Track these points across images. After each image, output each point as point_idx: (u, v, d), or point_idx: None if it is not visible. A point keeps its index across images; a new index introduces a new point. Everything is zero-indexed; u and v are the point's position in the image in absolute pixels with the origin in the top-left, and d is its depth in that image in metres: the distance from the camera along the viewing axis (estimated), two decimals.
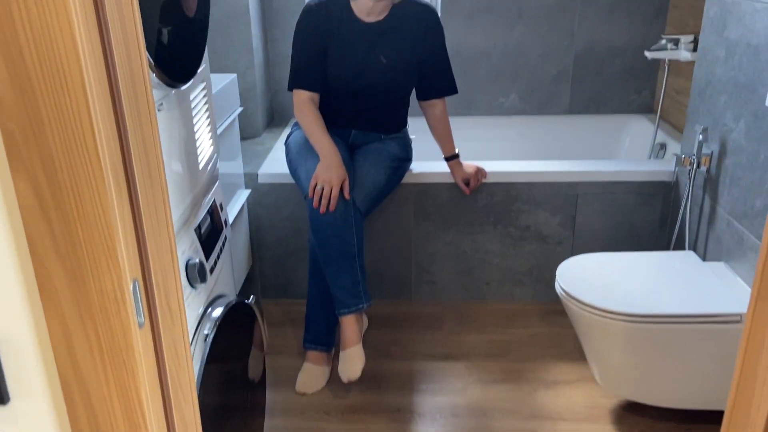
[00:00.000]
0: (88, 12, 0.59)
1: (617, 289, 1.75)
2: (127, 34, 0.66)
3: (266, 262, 2.46)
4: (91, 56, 0.60)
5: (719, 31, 1.96)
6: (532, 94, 2.95)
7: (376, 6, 1.97)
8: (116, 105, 0.65)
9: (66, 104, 0.60)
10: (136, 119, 0.68)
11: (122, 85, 0.64)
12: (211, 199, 1.31)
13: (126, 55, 0.65)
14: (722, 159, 1.94)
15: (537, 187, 2.31)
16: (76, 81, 0.59)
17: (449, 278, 2.45)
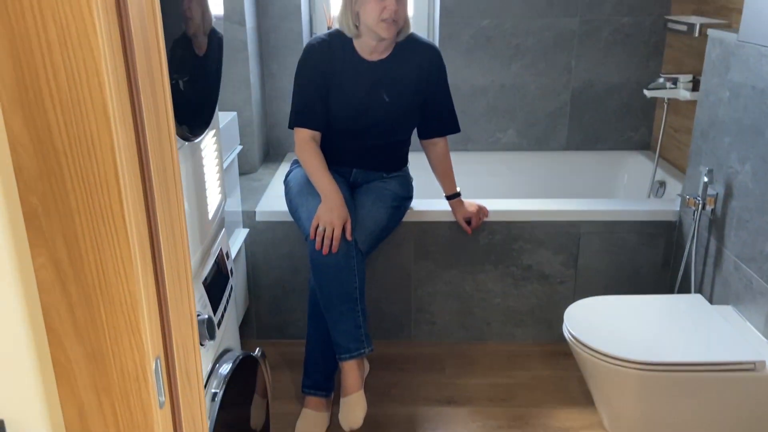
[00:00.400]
0: (120, 81, 0.55)
1: (628, 335, 1.71)
2: (157, 99, 0.62)
3: (262, 302, 2.39)
4: (122, 124, 0.56)
5: (722, 73, 1.97)
6: (529, 130, 2.94)
7: (378, 45, 1.95)
8: (144, 174, 0.60)
9: (94, 175, 0.56)
10: (164, 187, 0.63)
11: (151, 154, 0.60)
12: (218, 248, 1.26)
13: (155, 122, 0.61)
14: (728, 201, 1.93)
15: (539, 226, 2.28)
16: (106, 152, 0.55)
17: (449, 318, 2.40)
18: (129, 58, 0.56)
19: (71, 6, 0.51)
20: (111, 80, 0.53)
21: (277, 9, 2.75)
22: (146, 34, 0.59)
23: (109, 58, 0.53)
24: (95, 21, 0.51)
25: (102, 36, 0.52)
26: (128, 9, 0.55)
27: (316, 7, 2.92)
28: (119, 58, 0.55)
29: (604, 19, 2.77)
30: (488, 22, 2.77)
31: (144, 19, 0.58)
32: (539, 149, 2.98)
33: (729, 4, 2.29)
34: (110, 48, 0.53)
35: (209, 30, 1.19)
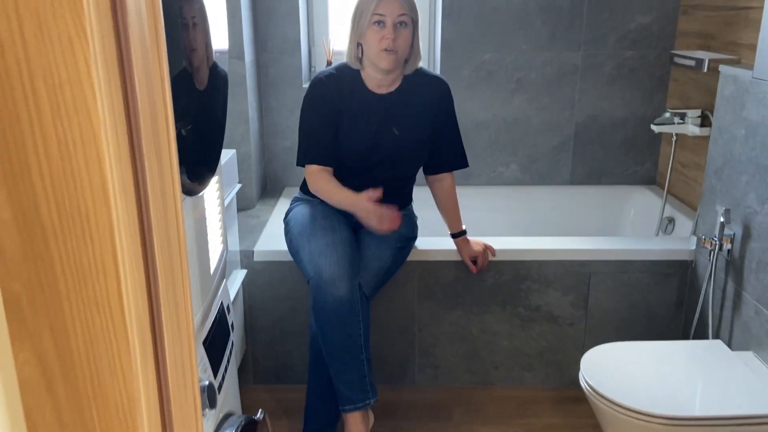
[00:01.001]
0: (122, 149, 0.47)
1: (649, 386, 1.62)
2: (162, 165, 0.53)
3: (260, 346, 2.29)
4: (123, 199, 0.48)
5: (736, 110, 1.91)
6: (532, 164, 2.88)
7: (385, 78, 1.90)
8: (147, 254, 0.52)
9: (88, 258, 0.47)
10: (168, 266, 0.55)
11: (155, 230, 0.52)
12: (219, 302, 1.17)
13: (161, 192, 0.53)
14: (746, 242, 1.86)
15: (548, 265, 2.20)
16: (103, 232, 0.46)
17: (455, 361, 2.31)
18: (132, 121, 0.48)
19: (66, 64, 0.43)
20: (111, 149, 0.45)
21: (277, 43, 2.70)
22: (152, 91, 0.51)
23: (110, 124, 0.45)
24: (94, 82, 0.43)
25: (102, 99, 0.44)
26: (132, 64, 0.47)
27: (316, 41, 2.87)
28: (121, 122, 0.47)
29: (608, 53, 2.73)
30: (489, 56, 2.73)
31: (150, 74, 0.51)
32: (543, 184, 2.91)
33: (738, 40, 2.25)
34: (111, 112, 0.45)
35: (211, 64, 1.11)
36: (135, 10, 0.48)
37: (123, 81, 0.47)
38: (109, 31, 0.45)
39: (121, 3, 0.46)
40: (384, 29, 1.79)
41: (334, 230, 1.85)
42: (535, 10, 2.67)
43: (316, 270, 1.75)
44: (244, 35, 2.44)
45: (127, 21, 0.46)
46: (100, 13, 0.44)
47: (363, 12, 1.81)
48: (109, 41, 0.45)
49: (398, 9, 1.78)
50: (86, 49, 0.43)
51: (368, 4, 1.80)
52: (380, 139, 1.93)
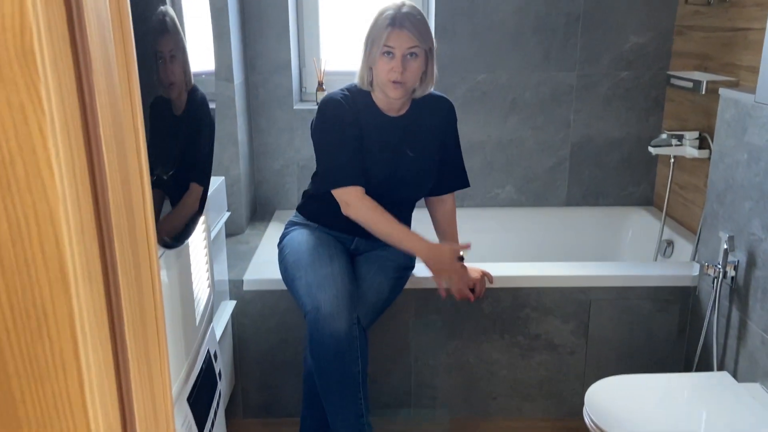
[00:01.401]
0: (86, 227, 0.40)
1: (655, 422, 1.56)
2: (137, 240, 0.47)
3: (249, 378, 2.20)
4: (87, 287, 0.41)
5: (738, 134, 1.87)
6: (528, 185, 2.83)
7: (396, 102, 1.84)
8: (116, 346, 0.45)
9: (46, 357, 0.40)
10: (144, 358, 0.48)
11: (127, 319, 0.45)
12: (204, 351, 1.09)
13: (134, 275, 0.46)
14: (751, 270, 1.81)
15: (547, 292, 2.14)
16: (63, 327, 0.40)
17: (452, 392, 2.23)
18: (100, 194, 0.41)
19: (17, 135, 0.36)
20: (72, 230, 0.38)
21: (267, 63, 2.64)
22: (125, 158, 0.44)
23: (71, 201, 0.38)
24: (51, 154, 0.37)
25: (61, 173, 0.37)
26: (99, 128, 0.40)
27: (306, 61, 2.82)
28: (86, 197, 0.40)
29: (603, 73, 2.69)
30: (483, 76, 2.68)
31: (123, 137, 0.44)
32: (539, 205, 2.86)
33: (736, 61, 2.21)
34: (73, 186, 0.39)
35: (190, 89, 1.05)
36: (102, 59, 0.41)
37: (88, 148, 0.40)
38: (71, 90, 0.39)
39: (85, 55, 0.39)
40: (393, 60, 1.73)
41: (332, 260, 1.78)
42: (530, 29, 2.63)
43: (313, 303, 1.67)
44: (233, 56, 2.38)
45: (93, 77, 0.40)
46: (59, 71, 0.37)
47: (374, 41, 1.75)
48: (70, 102, 0.39)
49: (408, 42, 1.73)
50: (41, 118, 0.36)
51: (380, 34, 1.74)
52: (397, 163, 1.89)
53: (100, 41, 0.40)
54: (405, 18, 1.72)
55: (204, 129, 0.99)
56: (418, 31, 1.73)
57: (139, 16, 0.73)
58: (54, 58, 0.37)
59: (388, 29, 1.72)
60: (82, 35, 0.38)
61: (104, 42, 0.41)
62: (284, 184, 2.79)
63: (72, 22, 0.38)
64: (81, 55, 0.39)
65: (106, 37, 0.41)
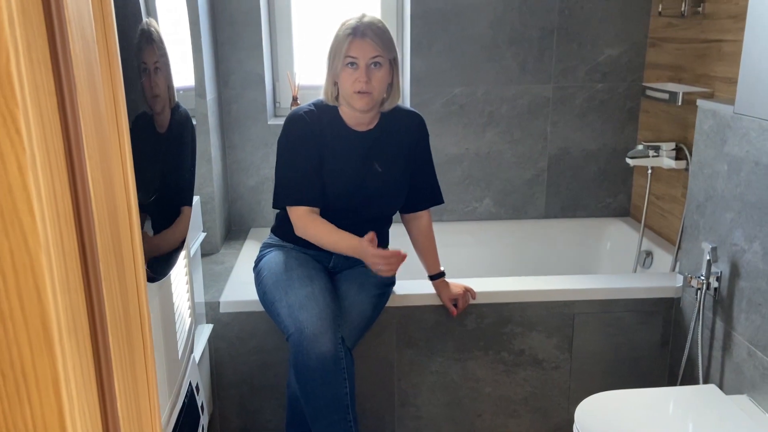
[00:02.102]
0: (72, 277, 0.35)
1: None
2: (127, 289, 0.41)
3: (228, 403, 2.13)
4: (71, 343, 0.35)
5: (717, 145, 1.88)
6: (506, 198, 2.82)
7: (363, 116, 1.81)
8: (105, 403, 0.39)
9: (26, 423, 0.35)
10: (134, 408, 0.43)
11: (117, 375, 0.39)
12: (186, 384, 1.03)
13: (124, 329, 0.41)
14: (735, 281, 1.81)
15: (530, 307, 2.12)
16: (46, 390, 0.34)
17: (437, 411, 2.19)
18: (86, 235, 0.36)
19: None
20: (56, 280, 0.33)
21: (240, 78, 2.59)
22: (112, 190, 0.39)
23: (54, 246, 0.33)
24: (31, 194, 0.32)
25: (43, 215, 0.32)
26: (85, 160, 0.35)
27: (280, 76, 2.77)
28: (70, 239, 0.35)
29: (578, 85, 2.70)
30: (460, 90, 2.67)
31: (109, 167, 0.39)
32: (517, 218, 2.85)
33: (710, 72, 2.23)
34: (55, 229, 0.34)
35: (174, 105, 1.00)
36: (87, 81, 0.36)
37: (73, 185, 0.35)
38: (53, 118, 0.34)
39: (69, 78, 0.34)
40: (357, 71, 1.70)
41: (312, 280, 1.73)
42: (505, 42, 2.63)
43: (296, 325, 1.62)
44: (205, 71, 2.32)
45: (77, 103, 0.35)
46: (40, 98, 0.32)
47: (336, 53, 1.73)
48: (53, 132, 0.34)
49: (371, 51, 1.70)
50: (20, 152, 0.31)
51: (341, 45, 1.72)
52: (364, 178, 1.84)
53: (85, 60, 0.36)
54: (367, 27, 1.70)
55: (187, 148, 0.94)
56: (380, 39, 1.71)
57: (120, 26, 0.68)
58: (34, 83, 0.32)
59: (350, 38, 1.70)
60: (65, 54, 0.33)
61: (89, 61, 0.36)
62: (259, 202, 2.73)
63: (54, 40, 0.33)
64: (64, 78, 0.34)
65: (91, 56, 0.37)
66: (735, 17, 2.08)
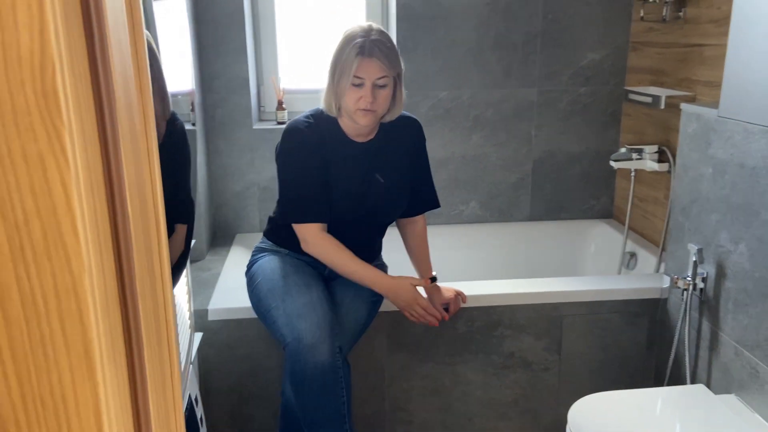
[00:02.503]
0: (111, 303, 0.34)
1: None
2: (158, 315, 0.40)
3: (217, 413, 2.10)
4: (111, 371, 0.34)
5: (702, 148, 1.91)
6: (492, 201, 2.83)
7: (363, 128, 1.79)
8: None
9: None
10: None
11: (153, 403, 0.38)
12: (186, 397, 1.02)
13: (157, 347, 0.40)
14: (721, 282, 1.84)
15: (520, 309, 2.13)
16: (86, 421, 0.33)
17: (428, 416, 2.19)
18: (124, 260, 0.35)
19: (34, 192, 0.30)
20: (98, 303, 0.32)
21: (224, 83, 2.56)
22: (146, 214, 0.38)
23: (96, 269, 0.32)
24: (76, 214, 0.31)
25: (86, 236, 0.31)
26: (124, 181, 0.34)
27: (265, 80, 2.75)
28: (109, 263, 0.34)
29: (562, 89, 2.73)
30: (446, 93, 2.68)
31: (143, 189, 0.38)
32: (503, 221, 2.86)
33: (691, 76, 2.27)
34: (98, 252, 0.32)
35: (169, 117, 0.98)
36: (125, 99, 0.35)
37: (112, 206, 0.34)
38: (93, 137, 0.33)
39: (109, 95, 0.33)
40: (362, 90, 1.66)
41: (309, 287, 1.71)
42: (490, 47, 2.64)
43: (294, 334, 1.60)
44: (189, 76, 2.29)
45: (117, 121, 0.34)
46: (82, 116, 0.31)
47: (343, 72, 1.65)
48: (93, 152, 0.33)
49: (377, 72, 1.65)
50: (65, 171, 0.30)
51: (348, 65, 1.64)
52: (367, 189, 1.82)
53: (122, 74, 0.34)
54: (374, 46, 1.64)
55: (180, 163, 0.92)
56: (387, 59, 1.65)
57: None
58: (77, 98, 0.30)
59: (358, 59, 1.63)
60: (105, 71, 0.32)
61: (125, 75, 0.35)
62: (245, 207, 2.70)
63: (94, 56, 0.32)
64: (104, 95, 0.33)
65: (127, 72, 0.35)
66: (716, 22, 2.12)
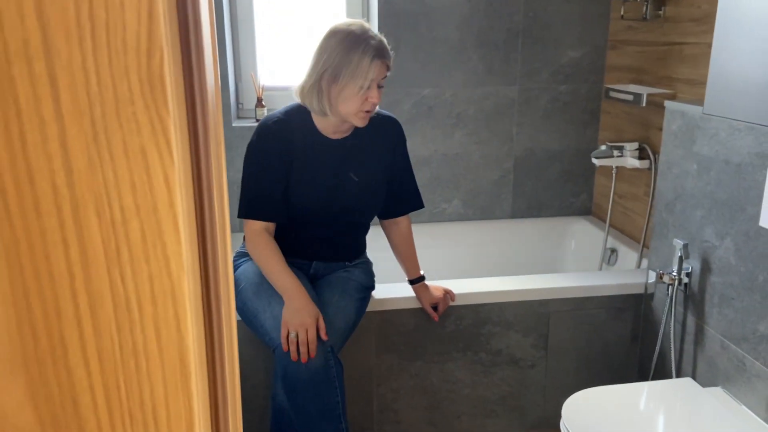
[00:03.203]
0: (198, 308, 0.32)
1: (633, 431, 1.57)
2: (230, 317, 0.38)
3: None
4: (201, 379, 0.32)
5: (686, 145, 1.94)
6: (474, 199, 2.83)
7: (343, 124, 1.76)
8: None
9: None
10: None
11: (222, 410, 0.36)
12: None
13: (229, 353, 0.37)
14: (706, 276, 1.87)
15: (508, 307, 2.13)
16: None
17: (416, 415, 2.18)
18: (210, 262, 0.33)
19: (135, 190, 0.27)
20: (192, 310, 0.30)
21: None
22: (222, 211, 0.36)
23: (190, 273, 0.30)
24: (178, 214, 0.28)
25: (185, 239, 0.29)
26: (212, 178, 0.32)
27: (243, 76, 2.70)
28: (195, 265, 0.32)
29: (542, 87, 2.74)
30: (428, 91, 2.67)
31: (222, 184, 0.35)
32: (485, 218, 2.87)
33: (672, 74, 2.31)
34: (190, 254, 0.30)
35: None
36: (210, 90, 0.33)
37: (199, 205, 0.32)
38: (185, 131, 0.30)
39: (201, 86, 0.31)
40: (370, 91, 1.62)
41: None
42: (472, 45, 2.64)
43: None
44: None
45: (208, 114, 0.31)
46: (179, 108, 0.29)
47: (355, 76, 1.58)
48: (185, 147, 0.30)
49: (384, 71, 1.63)
50: (168, 166, 0.27)
51: (363, 69, 1.58)
52: (339, 188, 1.78)
53: (210, 69, 0.32)
54: (383, 47, 1.62)
55: None
56: (390, 58, 1.66)
57: None
58: (176, 91, 0.28)
59: (374, 64, 1.59)
60: (198, 61, 0.30)
61: (210, 69, 0.33)
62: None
63: (188, 43, 0.29)
64: (197, 89, 0.30)
65: (211, 62, 0.33)
66: (697, 20, 2.16)
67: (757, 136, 1.65)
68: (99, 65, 0.26)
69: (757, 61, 1.65)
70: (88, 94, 0.26)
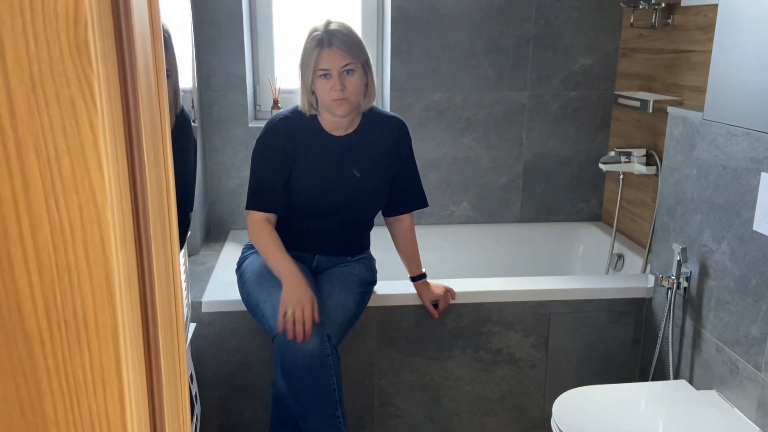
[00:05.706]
0: (128, 235, 0.38)
1: (623, 431, 1.60)
2: (167, 250, 0.44)
3: (208, 403, 2.13)
4: (128, 295, 0.38)
5: (687, 150, 1.96)
6: (483, 202, 2.88)
7: (342, 121, 1.83)
8: (150, 360, 0.42)
9: (84, 371, 0.38)
10: (172, 372, 0.45)
11: (161, 330, 0.42)
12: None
13: (165, 279, 0.44)
14: (704, 280, 1.89)
15: (508, 307, 2.17)
16: (104, 339, 0.37)
17: (416, 411, 2.22)
18: (140, 197, 0.39)
19: (65, 132, 0.34)
20: (117, 234, 0.36)
21: (221, 81, 2.60)
22: (158, 158, 0.42)
23: (116, 203, 0.36)
24: (101, 153, 0.35)
25: (109, 173, 0.35)
26: (141, 125, 0.38)
27: (261, 79, 2.79)
28: (126, 200, 0.38)
29: (553, 93, 2.78)
30: (439, 95, 2.73)
31: (156, 135, 0.42)
32: (493, 222, 2.91)
33: (679, 81, 2.33)
34: (118, 188, 0.36)
35: (179, 110, 1.02)
36: (143, 57, 0.39)
37: (130, 150, 0.38)
38: (116, 87, 0.37)
39: (131, 51, 0.37)
40: (330, 80, 1.72)
41: None
42: (483, 50, 2.69)
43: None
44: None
45: (137, 75, 0.38)
46: (108, 67, 0.35)
47: (307, 64, 1.74)
48: (116, 100, 0.37)
49: (341, 60, 1.71)
50: (93, 114, 0.34)
51: (310, 57, 1.73)
52: (340, 183, 1.86)
53: (141, 37, 0.39)
54: (332, 36, 1.71)
55: (188, 153, 0.96)
56: (347, 47, 1.71)
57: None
58: (104, 52, 0.35)
59: (317, 50, 1.71)
60: (128, 29, 0.36)
61: (144, 39, 0.39)
62: (239, 204, 2.74)
63: (118, 14, 0.36)
64: (126, 51, 0.37)
65: (145, 33, 0.40)
66: (703, 29, 2.18)
67: (751, 141, 1.67)
68: (36, 30, 0.32)
69: (753, 69, 1.67)
70: (27, 53, 0.33)
